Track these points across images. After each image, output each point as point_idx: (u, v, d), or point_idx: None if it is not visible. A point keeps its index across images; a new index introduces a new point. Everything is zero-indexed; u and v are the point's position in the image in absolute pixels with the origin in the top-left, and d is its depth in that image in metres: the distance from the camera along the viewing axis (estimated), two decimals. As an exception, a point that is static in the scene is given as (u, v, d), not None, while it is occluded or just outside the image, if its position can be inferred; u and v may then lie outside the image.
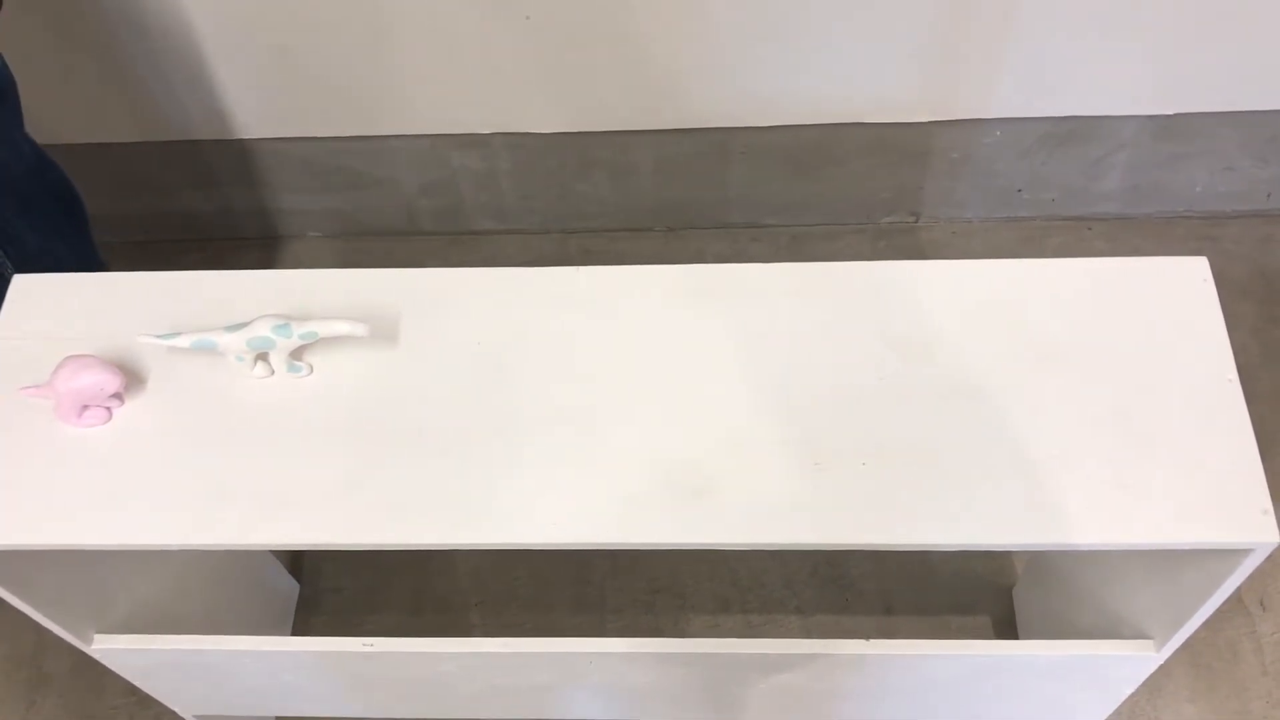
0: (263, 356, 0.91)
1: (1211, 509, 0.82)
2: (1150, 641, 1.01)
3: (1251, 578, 1.50)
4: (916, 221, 1.87)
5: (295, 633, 1.52)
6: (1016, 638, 1.46)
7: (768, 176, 1.77)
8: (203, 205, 1.84)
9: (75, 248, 1.22)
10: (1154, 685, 1.43)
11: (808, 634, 1.50)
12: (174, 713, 1.26)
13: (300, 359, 0.92)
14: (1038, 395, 0.88)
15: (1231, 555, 0.84)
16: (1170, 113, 1.64)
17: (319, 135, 1.67)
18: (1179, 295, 0.93)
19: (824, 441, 0.87)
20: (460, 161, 1.74)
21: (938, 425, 0.87)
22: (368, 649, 1.04)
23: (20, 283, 0.98)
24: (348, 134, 1.67)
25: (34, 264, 1.12)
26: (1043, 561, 1.39)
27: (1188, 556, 0.91)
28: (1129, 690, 1.10)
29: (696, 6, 1.48)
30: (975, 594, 1.52)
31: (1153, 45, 1.54)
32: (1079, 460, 0.85)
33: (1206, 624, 1.44)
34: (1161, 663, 1.02)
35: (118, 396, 0.91)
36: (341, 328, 0.88)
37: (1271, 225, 1.83)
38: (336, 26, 1.52)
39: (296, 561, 1.59)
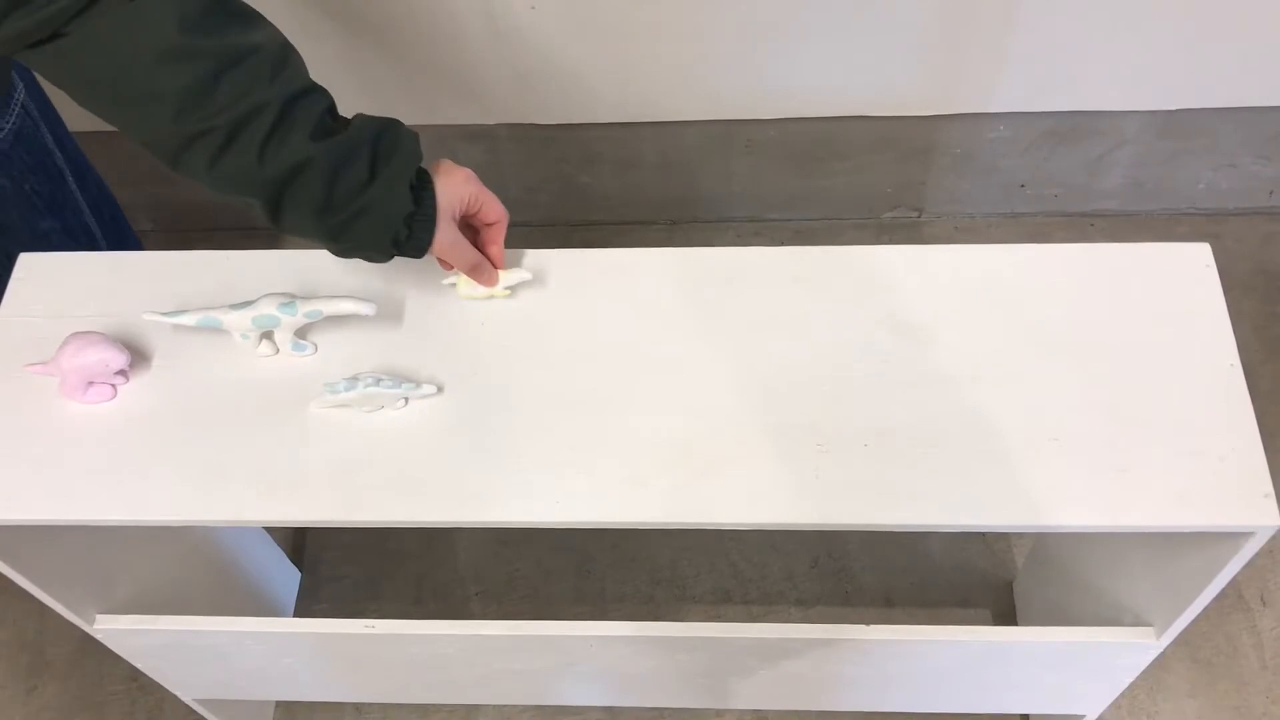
0: (268, 335, 0.91)
1: (1212, 492, 0.82)
2: (1150, 629, 1.01)
3: (1251, 572, 1.51)
4: (919, 217, 1.87)
5: (296, 620, 1.53)
6: (1016, 630, 1.46)
7: (771, 170, 1.77)
8: (210, 194, 1.83)
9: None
10: (1154, 679, 1.43)
11: (808, 625, 1.50)
12: (175, 697, 1.26)
13: (305, 338, 0.92)
14: (1039, 379, 0.88)
15: (1232, 539, 0.84)
16: (1173, 109, 1.65)
17: (324, 125, 1.67)
18: (1181, 281, 0.93)
19: (826, 424, 0.87)
20: (465, 153, 1.74)
21: (940, 408, 0.87)
22: (369, 630, 1.04)
23: (26, 260, 0.99)
24: (353, 124, 1.67)
25: None
26: (1044, 553, 1.39)
27: (1188, 542, 0.91)
28: (1129, 679, 1.10)
29: (701, -2, 1.49)
30: (976, 587, 1.53)
31: (1156, 41, 1.54)
32: (1080, 444, 0.85)
33: (1206, 619, 1.45)
34: (1161, 650, 1.02)
35: (123, 374, 0.91)
36: (347, 306, 0.88)
37: (1274, 222, 1.84)
38: (342, 17, 1.52)
39: (298, 549, 1.59)
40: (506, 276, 0.94)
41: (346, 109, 0.83)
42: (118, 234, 1.25)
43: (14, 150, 1.05)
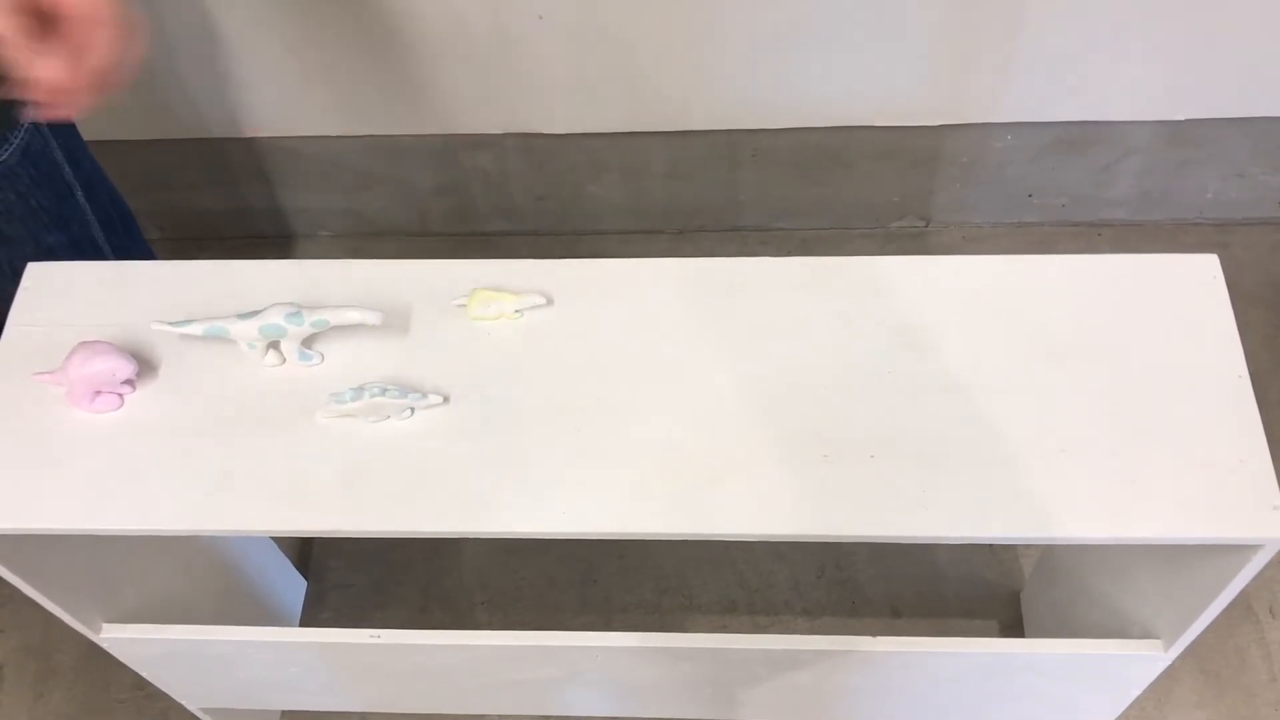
0: (274, 344, 0.91)
1: (1221, 504, 0.81)
2: (1159, 642, 1.01)
3: (1260, 584, 1.50)
4: (926, 226, 1.87)
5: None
6: (1024, 641, 1.46)
7: (777, 180, 1.77)
8: (217, 203, 1.85)
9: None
10: (1162, 691, 1.43)
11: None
12: (181, 706, 1.26)
13: (312, 347, 0.92)
14: (1046, 390, 0.88)
15: (1240, 552, 0.84)
16: (1181, 118, 1.64)
17: (333, 134, 1.68)
18: (1189, 292, 0.92)
19: (832, 434, 0.87)
20: (472, 162, 1.75)
21: (946, 419, 0.87)
22: (375, 640, 1.04)
23: (34, 270, 0.99)
24: (361, 133, 1.67)
25: None
26: (1051, 564, 1.38)
27: (1196, 554, 0.90)
28: (1137, 692, 1.10)
29: (708, 9, 1.49)
30: (983, 598, 1.52)
31: (1164, 50, 1.54)
32: (1088, 455, 0.85)
33: (1215, 630, 1.44)
34: (1170, 663, 1.01)
35: (130, 383, 0.91)
36: (353, 316, 0.88)
37: (1283, 233, 1.83)
38: (351, 26, 1.53)
39: (304, 557, 1.59)
40: (518, 300, 0.94)
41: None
42: (129, 247, 1.26)
43: (20, 166, 1.06)
